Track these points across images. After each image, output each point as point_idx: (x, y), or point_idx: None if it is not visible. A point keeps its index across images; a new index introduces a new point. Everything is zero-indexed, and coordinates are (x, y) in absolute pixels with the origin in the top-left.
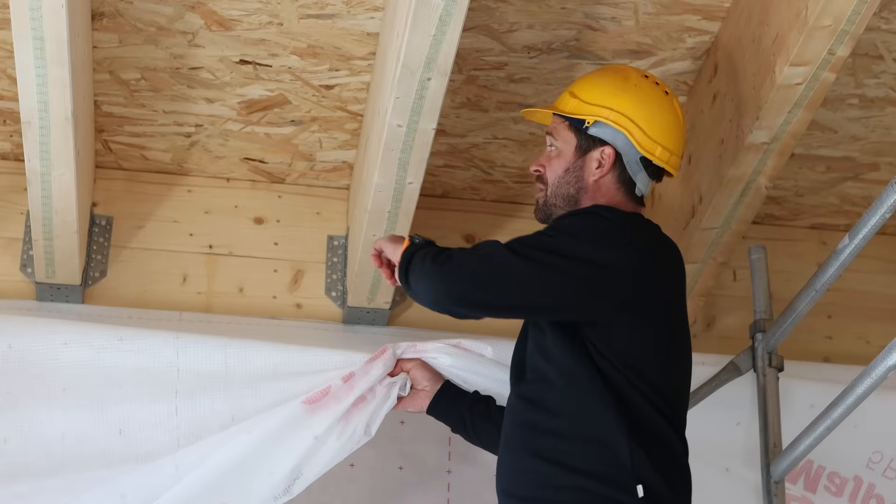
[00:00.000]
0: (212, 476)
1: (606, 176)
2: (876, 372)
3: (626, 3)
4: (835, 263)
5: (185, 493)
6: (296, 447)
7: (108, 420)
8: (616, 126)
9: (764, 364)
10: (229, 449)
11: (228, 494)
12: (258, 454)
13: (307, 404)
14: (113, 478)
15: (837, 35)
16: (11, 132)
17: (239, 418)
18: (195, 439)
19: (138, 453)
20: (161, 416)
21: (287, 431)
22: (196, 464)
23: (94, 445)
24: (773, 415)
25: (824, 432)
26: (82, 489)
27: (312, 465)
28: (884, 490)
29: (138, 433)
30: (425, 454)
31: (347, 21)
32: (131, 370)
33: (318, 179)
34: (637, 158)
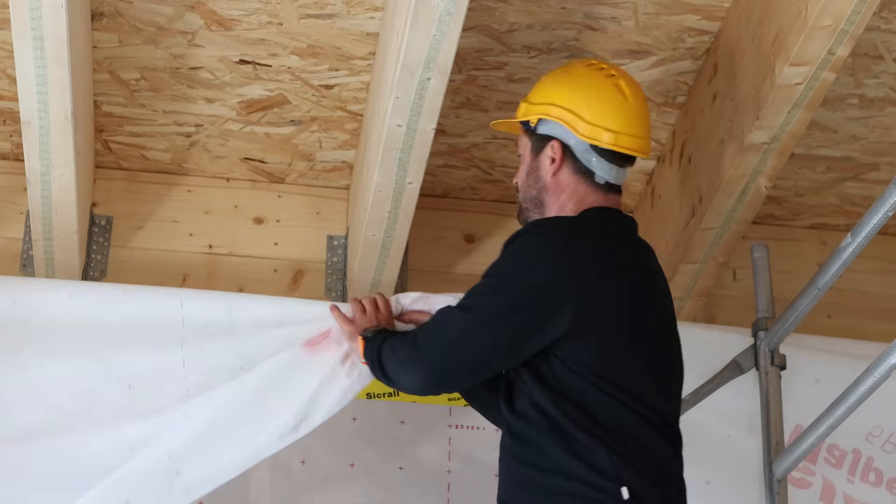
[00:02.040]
0: (218, 420)
1: (562, 171)
2: (878, 371)
3: (626, 3)
4: (837, 262)
5: (193, 439)
6: (298, 389)
7: (117, 377)
8: (556, 119)
9: (766, 362)
10: (235, 393)
11: (234, 437)
12: (261, 397)
13: (307, 347)
14: (122, 430)
15: (837, 35)
16: (11, 132)
17: (247, 367)
18: (204, 389)
19: (147, 407)
20: (168, 370)
21: (288, 374)
22: (204, 411)
23: (102, 402)
24: (775, 413)
25: (827, 430)
26: (91, 443)
27: (318, 407)
28: (882, 463)
29: (147, 387)
30: (425, 454)
31: (347, 21)
32: (136, 322)
33: (317, 179)
34: (587, 147)
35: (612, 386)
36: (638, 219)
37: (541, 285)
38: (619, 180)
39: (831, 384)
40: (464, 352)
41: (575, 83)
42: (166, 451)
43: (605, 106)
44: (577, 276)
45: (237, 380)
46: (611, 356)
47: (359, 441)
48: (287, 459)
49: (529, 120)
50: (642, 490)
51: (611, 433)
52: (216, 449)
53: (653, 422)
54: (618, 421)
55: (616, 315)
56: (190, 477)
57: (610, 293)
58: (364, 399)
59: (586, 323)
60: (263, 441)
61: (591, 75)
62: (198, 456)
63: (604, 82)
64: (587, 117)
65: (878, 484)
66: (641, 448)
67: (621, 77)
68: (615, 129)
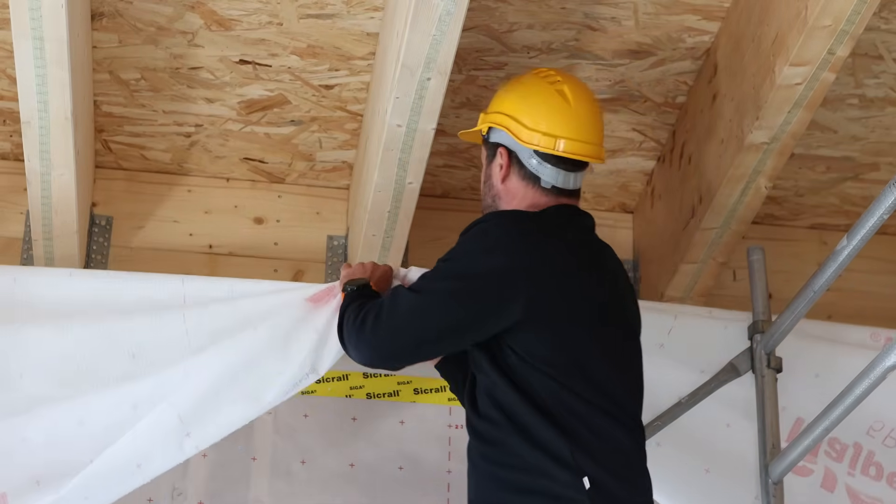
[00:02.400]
0: (225, 379)
1: (510, 177)
2: (874, 373)
3: (626, 3)
4: (833, 265)
5: (196, 396)
6: (301, 342)
7: (120, 347)
8: (501, 127)
9: (762, 365)
10: (237, 348)
11: (238, 393)
12: (264, 351)
13: (310, 302)
14: (125, 393)
15: (837, 35)
16: (11, 132)
17: (250, 326)
18: (208, 350)
19: (151, 372)
20: (171, 337)
21: (291, 328)
22: (209, 370)
23: (108, 371)
24: (771, 416)
25: (822, 433)
26: (94, 405)
27: (323, 359)
28: (883, 458)
29: (150, 355)
30: (425, 454)
31: (347, 21)
32: (138, 298)
33: (318, 179)
34: (530, 152)
35: (570, 378)
36: (638, 219)
37: (491, 274)
38: (569, 185)
39: (830, 378)
40: (408, 333)
41: (520, 91)
42: (177, 414)
43: (545, 111)
44: (530, 269)
45: (241, 336)
46: (567, 349)
47: (359, 441)
48: (287, 459)
49: (482, 129)
50: (603, 479)
51: (569, 425)
52: (225, 406)
53: (612, 413)
54: (576, 413)
55: (571, 309)
56: (199, 435)
57: (566, 288)
58: (364, 399)
59: (539, 316)
60: (271, 395)
61: (536, 83)
62: (207, 415)
63: (546, 89)
64: (527, 123)
65: (878, 478)
66: (600, 439)
67: (566, 83)
68: (555, 134)
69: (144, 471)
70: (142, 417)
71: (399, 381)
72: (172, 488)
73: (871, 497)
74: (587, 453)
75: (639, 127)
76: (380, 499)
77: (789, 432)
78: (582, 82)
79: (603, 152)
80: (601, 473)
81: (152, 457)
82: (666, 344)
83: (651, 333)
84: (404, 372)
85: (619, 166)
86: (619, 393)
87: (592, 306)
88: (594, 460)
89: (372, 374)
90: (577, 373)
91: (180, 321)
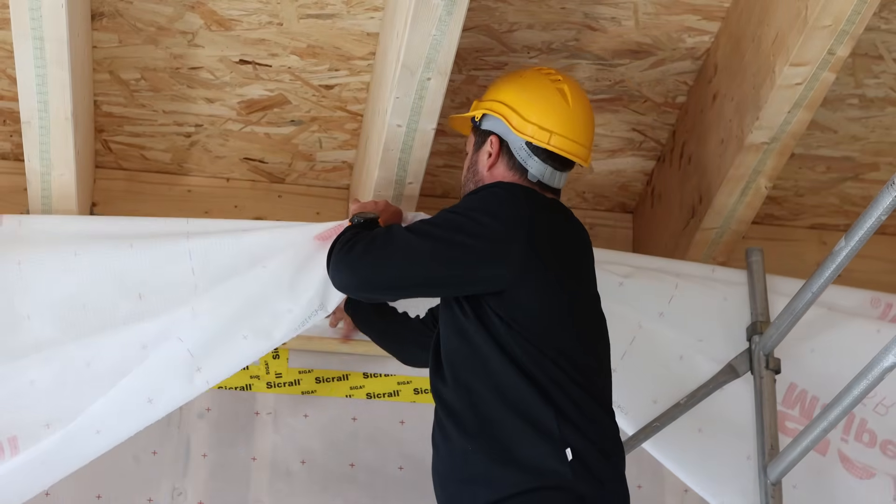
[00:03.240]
0: (229, 314)
1: (497, 165)
2: (872, 374)
3: (626, 3)
4: (831, 266)
5: (205, 333)
6: (309, 279)
7: (127, 287)
8: (497, 115)
9: (760, 366)
10: (245, 286)
11: (248, 329)
12: (272, 288)
13: (318, 240)
14: (133, 332)
15: (837, 35)
16: (11, 132)
17: (258, 264)
18: (216, 288)
19: (158, 310)
20: (178, 276)
21: (300, 265)
22: (213, 305)
23: (115, 312)
24: (769, 417)
25: (821, 434)
26: (103, 346)
27: (331, 296)
28: (875, 425)
29: (157, 295)
30: (425, 454)
31: (347, 21)
32: (142, 240)
33: (318, 179)
34: (523, 144)
35: (552, 348)
36: (638, 219)
37: (489, 234)
38: (553, 182)
39: (826, 352)
40: (394, 267)
41: (521, 84)
42: (187, 349)
43: (544, 107)
44: (528, 239)
45: (249, 274)
46: (550, 320)
47: (359, 441)
48: (287, 459)
49: (475, 115)
50: (584, 451)
51: (554, 394)
52: (234, 343)
53: (586, 386)
54: (558, 382)
55: (558, 282)
56: (210, 371)
57: (557, 262)
58: (364, 399)
59: (527, 285)
60: (281, 332)
61: (538, 79)
62: (217, 350)
63: (547, 85)
64: (525, 114)
65: (871, 445)
66: (580, 410)
67: (566, 83)
68: (550, 129)
69: (156, 405)
70: (151, 356)
71: (399, 381)
72: (172, 488)
73: (863, 464)
74: (571, 423)
75: (639, 127)
76: (380, 499)
77: (783, 398)
78: (580, 87)
79: (590, 157)
80: (584, 444)
81: (163, 391)
82: (666, 313)
83: (651, 302)
84: (404, 372)
85: (619, 166)
86: (593, 371)
87: (575, 288)
88: (577, 431)
89: (372, 374)
90: (556, 346)
91: (186, 260)
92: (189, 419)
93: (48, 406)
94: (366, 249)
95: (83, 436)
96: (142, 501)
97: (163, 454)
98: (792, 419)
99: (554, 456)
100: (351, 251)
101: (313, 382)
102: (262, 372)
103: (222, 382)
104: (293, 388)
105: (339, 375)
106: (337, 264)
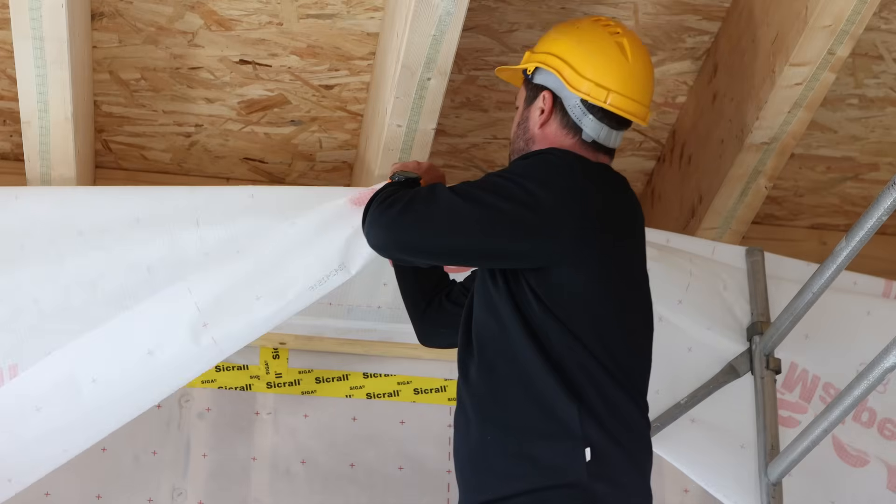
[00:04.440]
0: (247, 273)
1: (550, 123)
2: (873, 374)
3: (626, 3)
4: (832, 266)
5: (215, 287)
6: (335, 238)
7: (134, 261)
8: (549, 68)
9: (761, 367)
10: (268, 241)
11: (261, 288)
12: (297, 245)
13: (353, 203)
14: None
15: (837, 35)
16: (11, 132)
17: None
18: (226, 248)
19: (168, 279)
20: (186, 246)
21: (330, 225)
22: (231, 264)
23: (125, 286)
24: (770, 417)
25: (822, 434)
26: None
27: (355, 256)
28: (876, 403)
29: (165, 267)
30: (425, 454)
31: (347, 21)
32: (147, 210)
33: (318, 179)
34: (578, 101)
35: (590, 338)
36: None
37: (539, 208)
38: (608, 142)
39: (820, 339)
40: (435, 229)
41: (577, 36)
42: (194, 302)
43: (602, 62)
44: (580, 216)
45: (276, 228)
46: (592, 309)
47: (359, 441)
48: (287, 459)
49: (527, 68)
50: (607, 452)
51: (582, 386)
52: (245, 302)
53: (625, 385)
54: (590, 375)
55: (605, 271)
56: (217, 329)
57: (607, 248)
58: (364, 399)
59: (574, 265)
60: (295, 291)
61: (595, 30)
62: (226, 308)
63: (606, 38)
64: (581, 70)
65: (870, 424)
66: (609, 408)
67: (626, 36)
68: (608, 87)
69: (157, 358)
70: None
71: (399, 381)
72: (172, 488)
73: (857, 450)
74: (597, 423)
75: (639, 127)
76: (380, 499)
77: (784, 379)
78: (639, 39)
79: (649, 115)
80: (607, 445)
81: (165, 344)
82: (684, 300)
83: (671, 289)
84: (404, 372)
85: (618, 166)
86: (633, 366)
87: (624, 275)
88: (603, 431)
89: (372, 374)
90: (598, 335)
91: (194, 230)
92: (189, 419)
93: (50, 330)
94: (406, 208)
95: (79, 381)
96: (142, 501)
97: (163, 454)
98: (791, 405)
99: (571, 454)
100: (390, 208)
101: (313, 382)
102: (262, 372)
103: (222, 382)
104: (293, 388)
105: (339, 375)
106: (376, 220)
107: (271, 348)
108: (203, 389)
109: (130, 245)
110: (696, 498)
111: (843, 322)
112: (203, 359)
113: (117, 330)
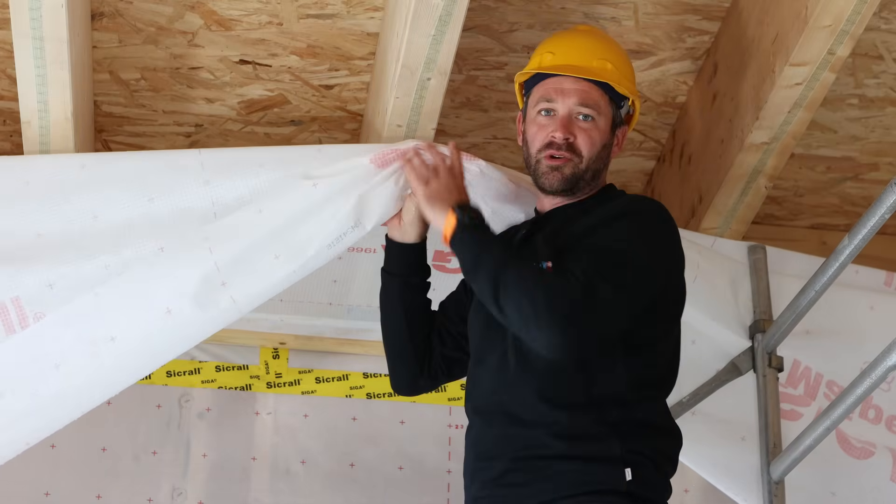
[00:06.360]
0: (264, 233)
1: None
2: (875, 372)
3: (626, 3)
4: (834, 264)
5: (237, 248)
6: (352, 196)
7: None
8: (633, 108)
9: (763, 365)
10: (289, 200)
11: (279, 246)
12: (317, 204)
13: (374, 163)
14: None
15: (837, 35)
16: (11, 132)
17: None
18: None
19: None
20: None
21: (350, 184)
22: (250, 216)
23: (131, 225)
24: (772, 415)
25: (824, 432)
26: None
27: (368, 214)
28: (881, 401)
29: (175, 247)
30: (425, 454)
31: (347, 21)
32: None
33: None
34: None
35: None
36: None
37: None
38: None
39: (822, 336)
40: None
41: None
42: (214, 260)
43: None
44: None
45: (297, 188)
46: (668, 347)
47: (359, 441)
48: (287, 459)
49: (628, 98)
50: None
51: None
52: (264, 261)
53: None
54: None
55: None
56: (235, 290)
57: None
58: (364, 399)
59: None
60: (314, 248)
61: None
62: (245, 268)
63: None
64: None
65: (877, 421)
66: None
67: None
68: None
69: (175, 318)
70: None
71: None
72: (172, 488)
73: (863, 442)
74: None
75: (639, 127)
76: (380, 499)
77: (787, 377)
78: None
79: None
80: (646, 465)
81: (184, 302)
82: (690, 292)
83: None
84: None
85: (619, 166)
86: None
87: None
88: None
89: (372, 374)
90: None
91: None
92: (189, 419)
93: (53, 262)
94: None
95: (97, 340)
96: (142, 501)
97: (163, 454)
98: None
99: (611, 473)
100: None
101: (313, 382)
102: (262, 372)
103: (222, 382)
104: (293, 388)
105: (339, 375)
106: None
107: (271, 348)
108: (203, 389)
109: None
110: (696, 498)
111: (846, 318)
112: (221, 318)
113: (137, 288)
